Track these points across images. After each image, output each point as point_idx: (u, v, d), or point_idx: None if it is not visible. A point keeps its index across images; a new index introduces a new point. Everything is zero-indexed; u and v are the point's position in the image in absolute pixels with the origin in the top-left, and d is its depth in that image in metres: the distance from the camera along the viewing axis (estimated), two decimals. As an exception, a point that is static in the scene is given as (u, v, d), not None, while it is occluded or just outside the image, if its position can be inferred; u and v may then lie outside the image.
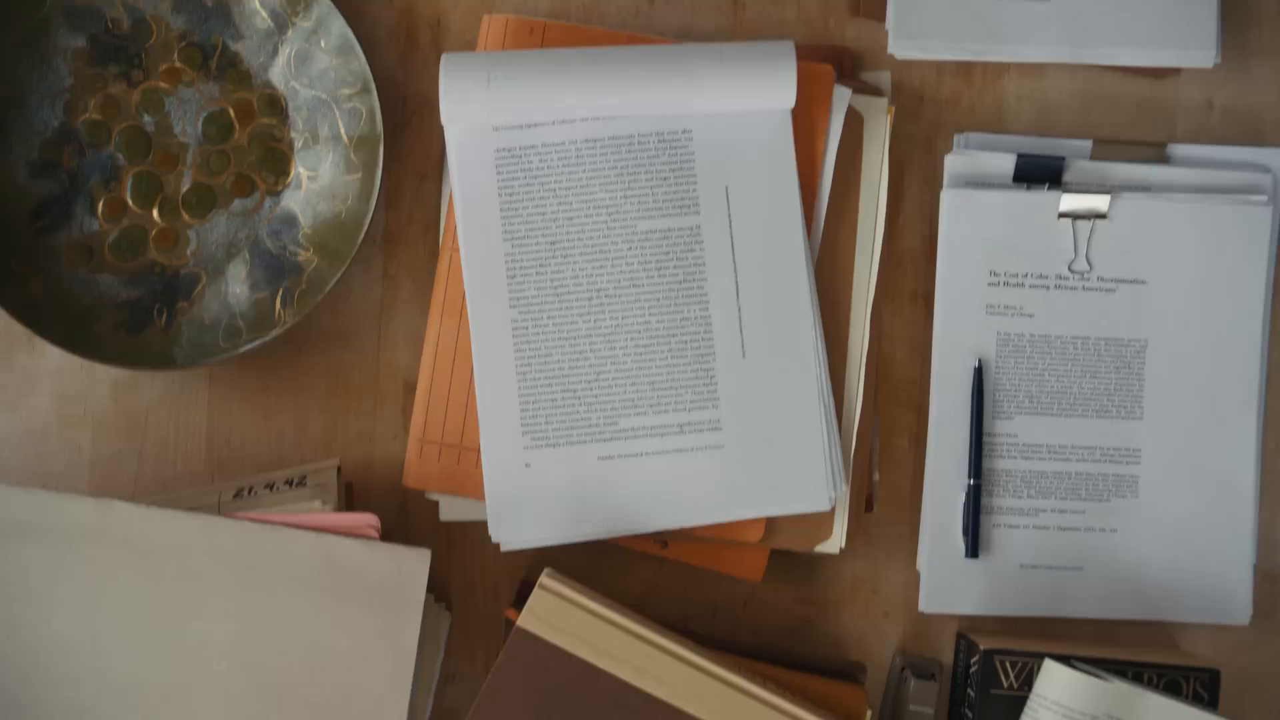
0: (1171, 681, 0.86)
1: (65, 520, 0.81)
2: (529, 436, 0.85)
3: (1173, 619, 0.89)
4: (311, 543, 0.82)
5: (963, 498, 0.89)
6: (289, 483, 0.86)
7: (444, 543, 0.90)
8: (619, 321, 0.85)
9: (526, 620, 0.81)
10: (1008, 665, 0.86)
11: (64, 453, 0.90)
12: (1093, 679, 0.81)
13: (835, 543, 0.86)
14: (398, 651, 0.83)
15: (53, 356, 0.89)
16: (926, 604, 0.89)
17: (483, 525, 0.88)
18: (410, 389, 0.90)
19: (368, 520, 0.82)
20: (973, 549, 0.88)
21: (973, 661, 0.87)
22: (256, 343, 0.85)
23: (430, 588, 0.87)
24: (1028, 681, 0.85)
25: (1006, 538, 0.89)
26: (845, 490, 0.85)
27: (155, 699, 0.82)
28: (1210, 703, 0.86)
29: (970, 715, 0.87)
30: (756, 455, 0.85)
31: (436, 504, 0.88)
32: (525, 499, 0.85)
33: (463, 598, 0.91)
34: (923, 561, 0.89)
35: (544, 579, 0.81)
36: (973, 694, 0.87)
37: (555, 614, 0.82)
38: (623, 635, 0.82)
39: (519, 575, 0.90)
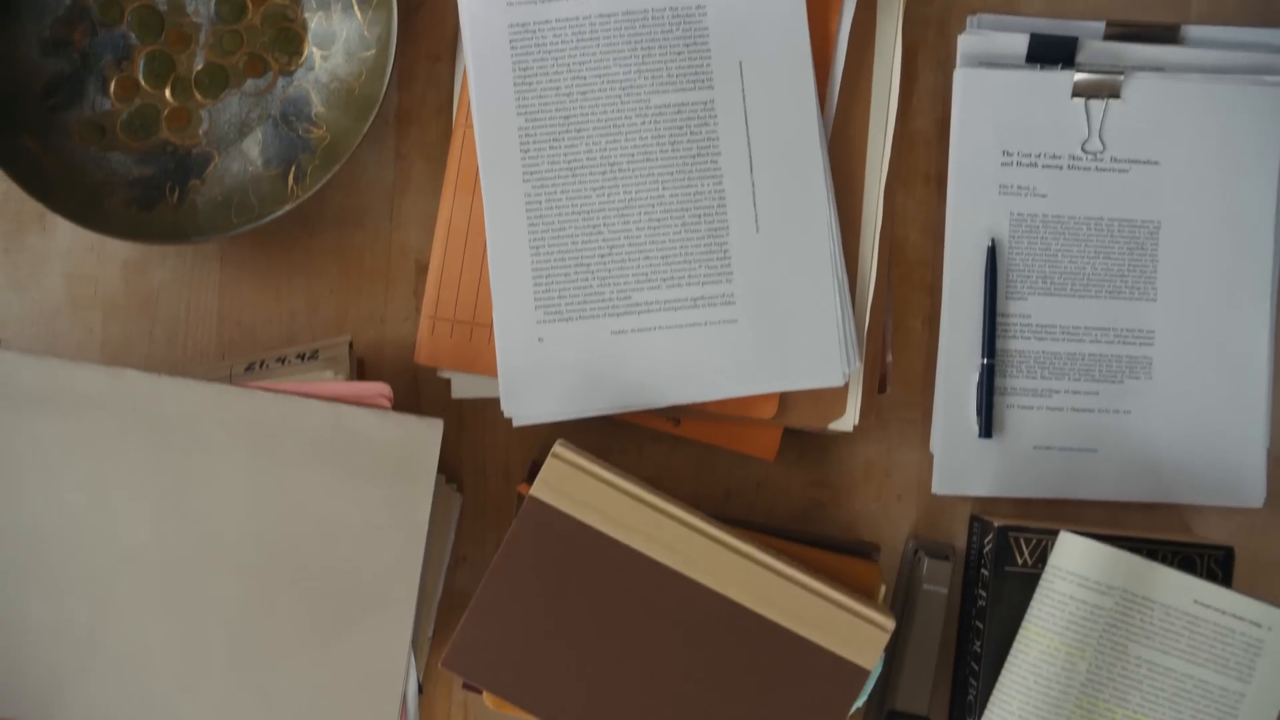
0: (1185, 559, 0.86)
1: (77, 389, 0.81)
2: (542, 311, 0.85)
3: (1186, 501, 0.89)
4: (323, 412, 0.82)
5: (976, 378, 0.88)
6: (301, 356, 0.86)
7: (455, 425, 0.90)
8: (632, 196, 0.85)
9: (539, 489, 0.81)
10: (1022, 542, 0.85)
11: (75, 333, 0.90)
12: (1109, 548, 0.81)
13: (849, 420, 0.86)
14: (410, 522, 0.83)
15: (63, 236, 0.89)
16: (939, 486, 0.89)
17: (495, 405, 0.88)
18: (422, 270, 0.90)
19: (380, 389, 0.81)
20: (986, 429, 0.88)
21: (987, 540, 0.87)
22: (269, 217, 0.85)
23: (441, 469, 0.87)
24: (1042, 559, 0.85)
25: (1020, 419, 0.89)
26: (859, 367, 0.85)
27: (166, 570, 0.82)
28: (1224, 580, 0.86)
29: (984, 594, 0.86)
30: (770, 329, 0.85)
31: (448, 383, 0.88)
32: (538, 373, 0.85)
33: (474, 480, 0.91)
34: (936, 443, 0.89)
35: (557, 448, 0.81)
36: (986, 573, 0.86)
37: (568, 483, 0.81)
38: (635, 504, 0.81)
39: (530, 456, 0.90)
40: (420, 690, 0.85)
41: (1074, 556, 0.81)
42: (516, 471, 0.90)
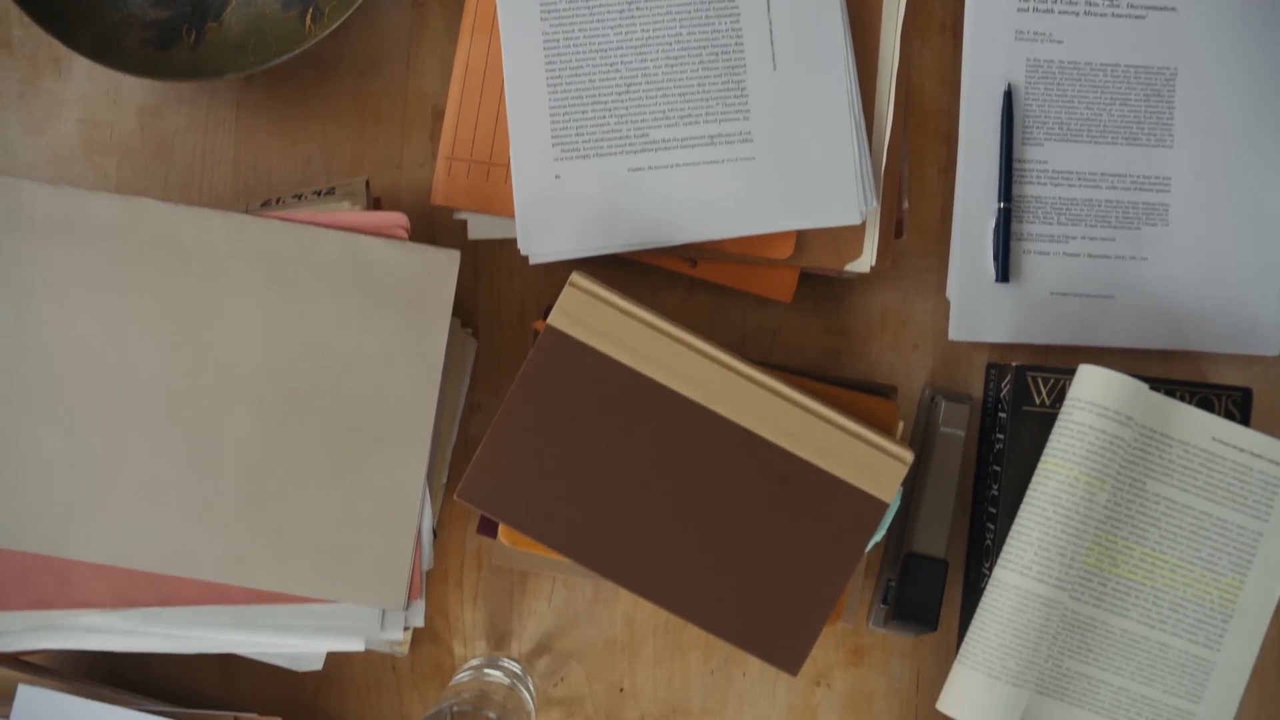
0: (1203, 400, 0.86)
1: (92, 218, 0.81)
2: (559, 148, 0.85)
3: (1202, 349, 0.89)
4: (340, 242, 0.81)
5: (992, 223, 0.88)
6: (317, 193, 0.86)
7: (470, 270, 0.90)
8: (650, 33, 0.85)
9: (556, 318, 0.81)
10: (1040, 381, 0.85)
11: (90, 177, 0.89)
12: (1128, 378, 0.81)
13: (865, 262, 0.85)
14: (426, 355, 0.82)
15: (79, 81, 0.89)
16: (956, 332, 0.89)
17: (511, 249, 0.88)
18: (439, 115, 0.90)
19: (397, 220, 0.81)
20: (1003, 273, 0.88)
21: (1004, 383, 0.87)
22: (285, 56, 0.84)
23: (456, 314, 0.86)
24: (1060, 399, 0.84)
25: (1036, 265, 0.88)
26: (875, 206, 0.85)
27: (181, 403, 0.81)
28: (1242, 422, 0.86)
29: (1001, 437, 0.86)
30: (788, 166, 0.85)
31: (464, 226, 0.87)
32: (554, 210, 0.85)
33: (489, 327, 0.90)
34: (952, 289, 0.89)
35: (574, 278, 0.81)
36: (1004, 415, 0.86)
37: (585, 311, 0.81)
38: (653, 334, 0.81)
39: (546, 303, 0.90)
40: (434, 534, 0.85)
41: (1094, 387, 0.81)
42: (532, 319, 0.90)
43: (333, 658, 0.89)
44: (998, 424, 0.87)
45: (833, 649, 0.90)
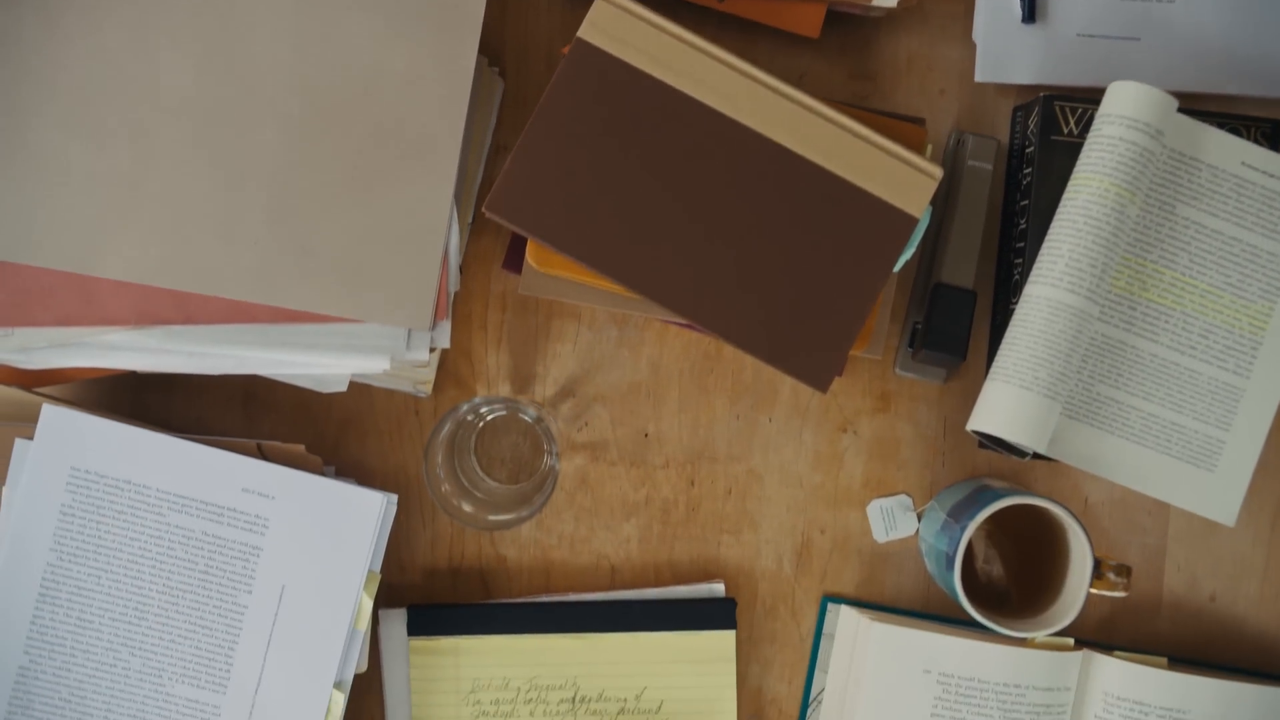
0: (1232, 129, 0.85)
1: (121, -72, 0.81)
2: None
3: (1229, 91, 0.88)
4: (370, -44, 0.81)
5: (1020, -38, 0.88)
6: (345, -82, 0.85)
7: (499, 4, 0.89)
8: None
9: (586, 31, 0.80)
10: (1067, 112, 0.85)
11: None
12: (1160, 91, 0.80)
13: (892, -3, 0.85)
14: (455, 74, 0.82)
15: None
16: (982, 74, 0.89)
17: (538, -14, 0.88)
18: None
19: (427, -66, 0.81)
20: (1029, 13, 0.87)
21: (1032, 117, 0.86)
22: None
23: (483, 52, 0.86)
24: (1087, 128, 0.84)
25: (1063, 5, 0.88)
26: (905, -62, 0.85)
27: (208, 117, 0.81)
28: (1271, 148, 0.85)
29: (1029, 173, 0.86)
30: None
31: (491, -39, 0.87)
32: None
33: (516, 66, 0.90)
34: (978, 30, 0.89)
35: (604, -9, 0.80)
36: (1032, 149, 0.86)
37: (616, 25, 0.81)
38: (685, 48, 0.81)
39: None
40: (460, 270, 0.85)
41: (1125, 100, 0.81)
42: (559, 62, 0.90)
43: (355, 402, 0.89)
44: (1025, 160, 0.87)
45: (859, 395, 0.89)
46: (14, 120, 0.80)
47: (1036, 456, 0.84)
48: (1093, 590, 0.82)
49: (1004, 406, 0.80)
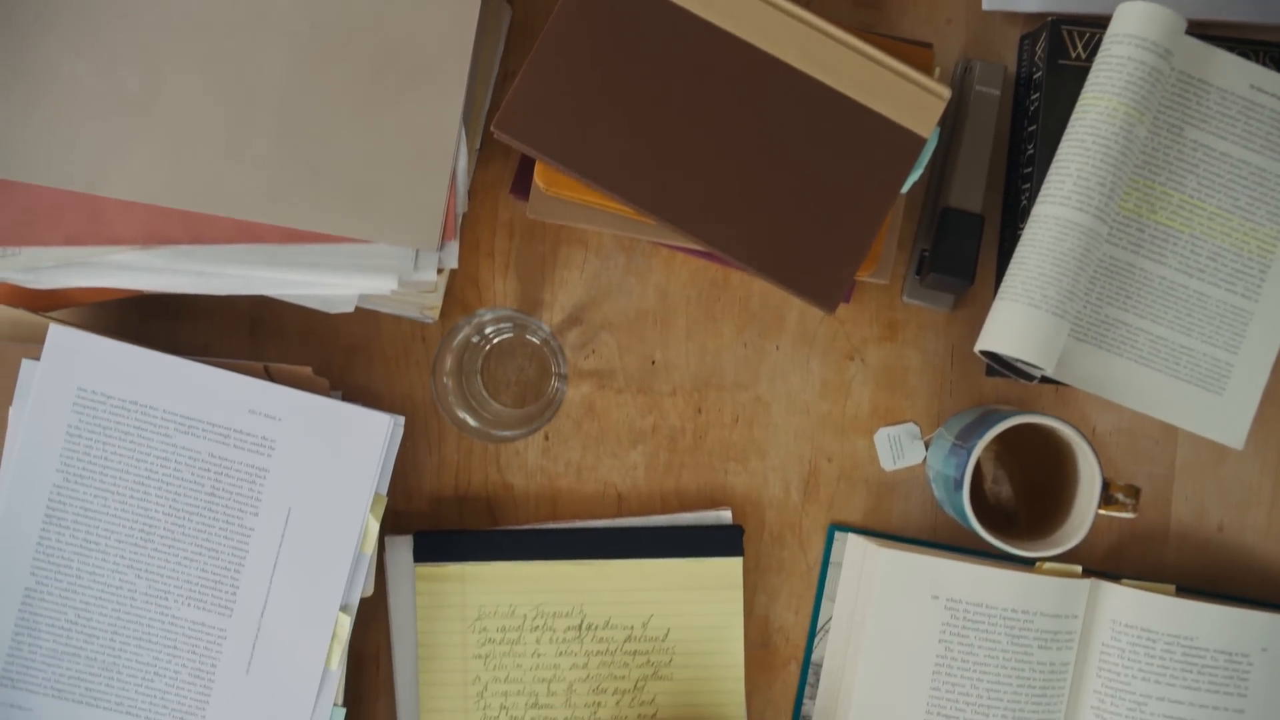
0: (1241, 53, 0.85)
1: None
2: None
3: (1237, 18, 0.87)
4: (378, -123, 0.81)
5: (1028, -111, 0.88)
6: None
7: (505, -65, 0.90)
8: None
9: (595, -50, 0.81)
10: (1075, 36, 0.85)
11: None
12: (1168, 10, 0.80)
13: (901, -80, 0.86)
14: (463, -4, 0.82)
15: None
16: (990, 1, 0.88)
17: (546, -88, 0.88)
18: None
19: None
20: (1038, -60, 0.88)
21: (1039, 44, 0.86)
22: None
23: (491, -25, 0.86)
24: (1094, 52, 0.84)
25: (1071, -67, 0.88)
26: None
27: (216, 36, 0.81)
28: (1280, 78, 0.86)
29: (1036, 98, 0.86)
30: None
31: (499, -111, 0.87)
32: None
33: (523, -5, 0.90)
34: (987, -42, 0.89)
35: (613, -89, 0.80)
36: (1039, 74, 0.86)
37: (624, -56, 0.81)
38: (692, -33, 0.81)
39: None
40: (468, 196, 0.84)
41: (1133, 20, 0.81)
42: (566, -13, 0.90)
43: (362, 328, 0.88)
44: (1032, 86, 0.87)
45: (866, 323, 0.89)
46: (22, 40, 0.80)
47: (1044, 380, 0.84)
48: (1101, 511, 0.81)
49: (1013, 325, 0.80)
